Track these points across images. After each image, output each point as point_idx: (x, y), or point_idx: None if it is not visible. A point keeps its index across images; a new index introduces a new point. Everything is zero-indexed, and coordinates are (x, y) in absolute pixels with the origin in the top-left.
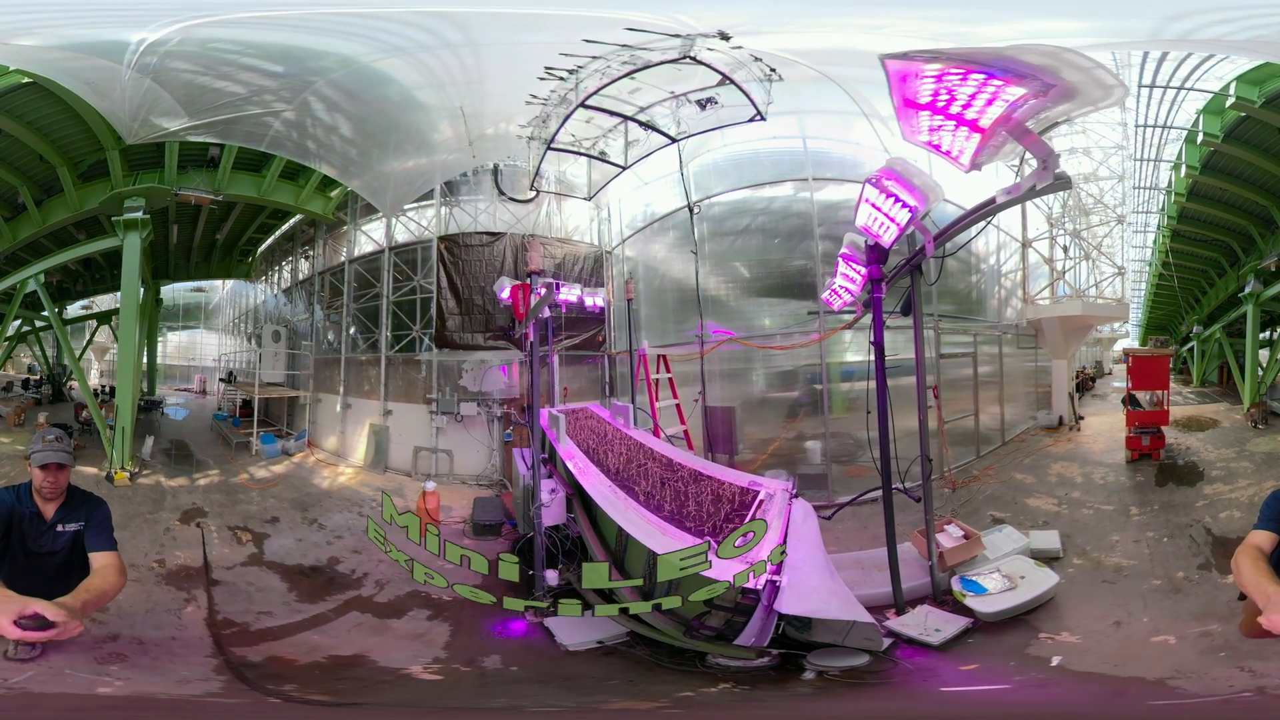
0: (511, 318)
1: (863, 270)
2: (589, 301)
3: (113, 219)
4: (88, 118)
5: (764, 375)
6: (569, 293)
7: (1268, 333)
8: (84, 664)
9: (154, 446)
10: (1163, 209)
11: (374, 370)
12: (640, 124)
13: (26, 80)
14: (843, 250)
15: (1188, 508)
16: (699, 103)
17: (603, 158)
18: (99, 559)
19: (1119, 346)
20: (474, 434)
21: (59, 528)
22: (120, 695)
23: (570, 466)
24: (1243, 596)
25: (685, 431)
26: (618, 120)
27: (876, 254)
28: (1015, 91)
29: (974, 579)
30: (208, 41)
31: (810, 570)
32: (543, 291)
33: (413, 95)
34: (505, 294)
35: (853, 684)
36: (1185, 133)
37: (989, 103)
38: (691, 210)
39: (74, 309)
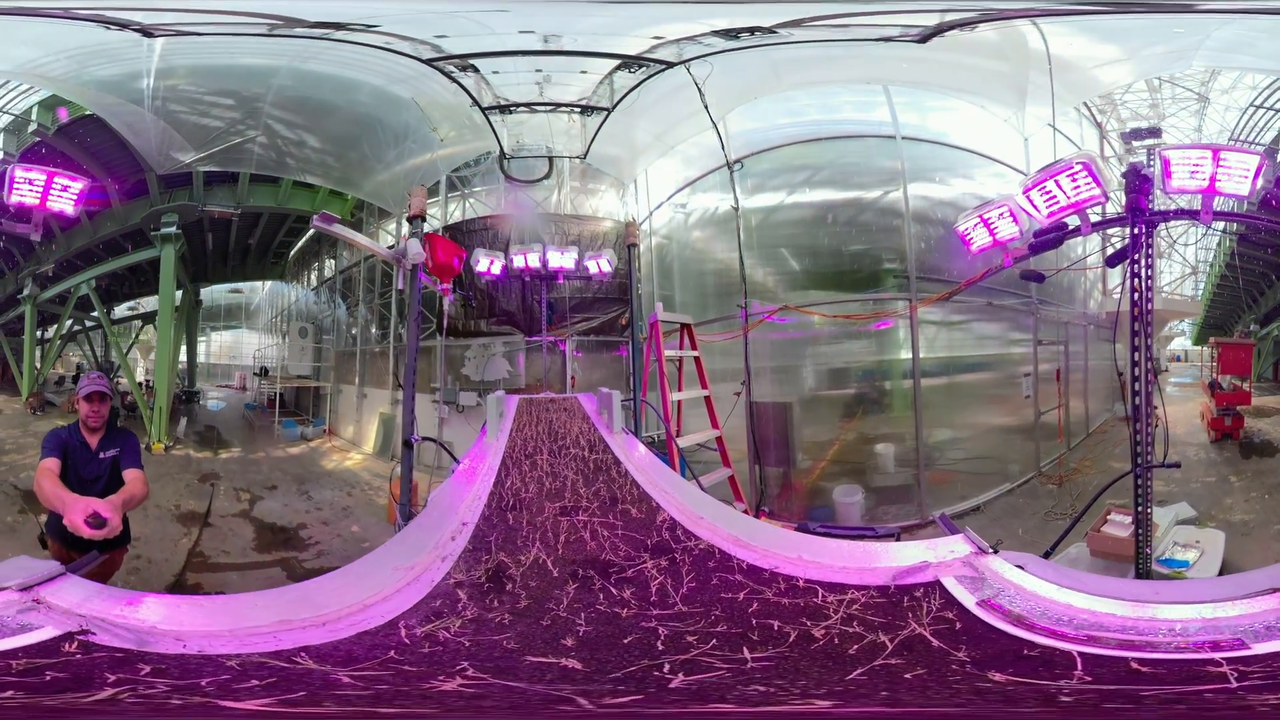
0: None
1: (1081, 191)
2: (592, 268)
3: (151, 232)
4: (130, 144)
5: (813, 370)
6: (563, 259)
7: None
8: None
9: (187, 427)
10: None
11: (388, 361)
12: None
13: (89, 112)
14: (1080, 158)
15: (1275, 472)
16: None
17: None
18: (130, 474)
19: (1173, 346)
20: (474, 425)
21: (101, 455)
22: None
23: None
24: None
25: (720, 439)
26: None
27: (1143, 183)
28: None
29: (1170, 558)
30: (185, 76)
31: None
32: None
33: (391, 93)
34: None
35: None
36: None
37: None
38: (731, 167)
39: (121, 310)
